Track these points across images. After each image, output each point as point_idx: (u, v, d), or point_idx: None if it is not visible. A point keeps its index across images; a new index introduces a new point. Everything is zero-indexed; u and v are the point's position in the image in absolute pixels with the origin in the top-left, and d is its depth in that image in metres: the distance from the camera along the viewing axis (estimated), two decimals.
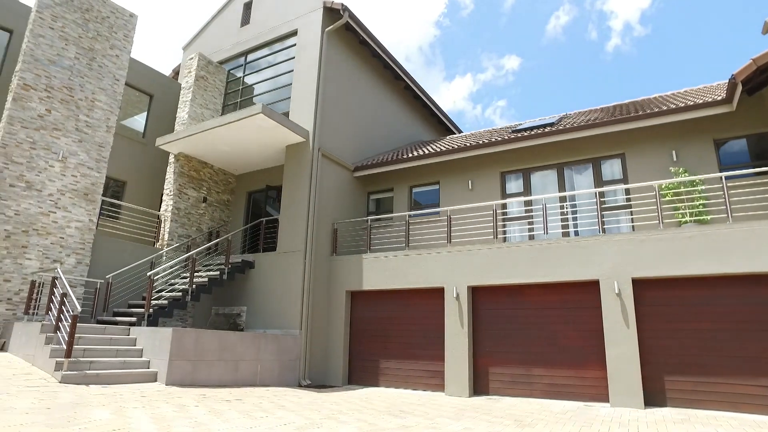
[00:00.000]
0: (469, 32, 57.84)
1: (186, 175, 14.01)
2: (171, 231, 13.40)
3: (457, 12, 56.76)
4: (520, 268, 10.40)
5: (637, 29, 49.67)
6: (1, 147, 10.54)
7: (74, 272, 11.22)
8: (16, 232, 10.50)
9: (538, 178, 12.67)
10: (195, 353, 9.00)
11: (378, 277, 12.03)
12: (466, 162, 13.40)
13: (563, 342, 9.86)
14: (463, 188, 13.35)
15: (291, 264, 12.07)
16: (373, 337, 12.11)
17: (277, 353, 10.79)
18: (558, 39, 53.25)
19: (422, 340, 11.38)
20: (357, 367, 12.11)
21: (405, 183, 14.33)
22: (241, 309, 12.63)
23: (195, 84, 14.93)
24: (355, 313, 12.51)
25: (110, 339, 9.06)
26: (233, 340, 9.81)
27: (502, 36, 56.31)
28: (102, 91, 12.43)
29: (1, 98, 12.27)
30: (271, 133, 12.42)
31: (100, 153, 12.16)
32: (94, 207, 11.82)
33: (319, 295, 12.22)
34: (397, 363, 11.58)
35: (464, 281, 10.91)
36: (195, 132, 12.62)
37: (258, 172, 15.12)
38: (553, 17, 52.08)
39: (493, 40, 57.31)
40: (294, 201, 12.59)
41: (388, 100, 16.82)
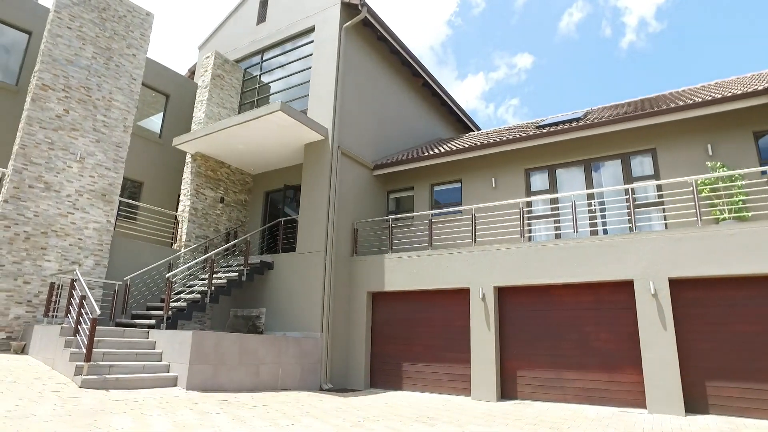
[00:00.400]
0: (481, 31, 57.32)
1: (203, 175, 13.83)
2: (188, 232, 13.23)
3: (469, 11, 56.26)
4: (548, 267, 10.02)
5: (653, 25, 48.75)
6: (20, 148, 10.44)
7: (92, 274, 11.08)
8: (35, 233, 10.38)
9: (564, 174, 12.26)
10: (215, 357, 8.77)
11: (400, 278, 11.72)
12: (489, 159, 13.03)
13: (595, 344, 9.46)
14: (487, 186, 12.99)
15: (311, 264, 11.81)
16: (395, 339, 11.80)
17: (298, 356, 10.54)
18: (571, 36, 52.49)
19: (446, 343, 11.04)
20: (379, 370, 11.82)
21: (426, 181, 14.00)
22: (260, 311, 12.40)
23: (211, 83, 14.76)
24: (377, 315, 12.21)
25: (129, 342, 8.87)
26: (254, 343, 9.57)
27: (514, 34, 55.67)
28: (119, 91, 12.29)
29: (20, 100, 12.21)
30: (290, 131, 12.18)
31: (118, 153, 12.02)
32: (111, 208, 11.68)
33: (339, 297, 11.95)
34: (420, 366, 11.27)
35: (490, 282, 10.56)
36: (212, 131, 12.42)
37: (275, 171, 14.90)
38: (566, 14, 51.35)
39: (505, 39, 56.71)
40: (313, 200, 12.33)
41: (406, 98, 16.51)
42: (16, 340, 9.84)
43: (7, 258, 9.94)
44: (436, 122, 18.77)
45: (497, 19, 55.72)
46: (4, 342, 9.73)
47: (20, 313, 10.00)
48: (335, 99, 12.82)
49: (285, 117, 11.40)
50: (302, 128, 12.05)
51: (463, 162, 13.38)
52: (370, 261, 12.31)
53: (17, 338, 9.86)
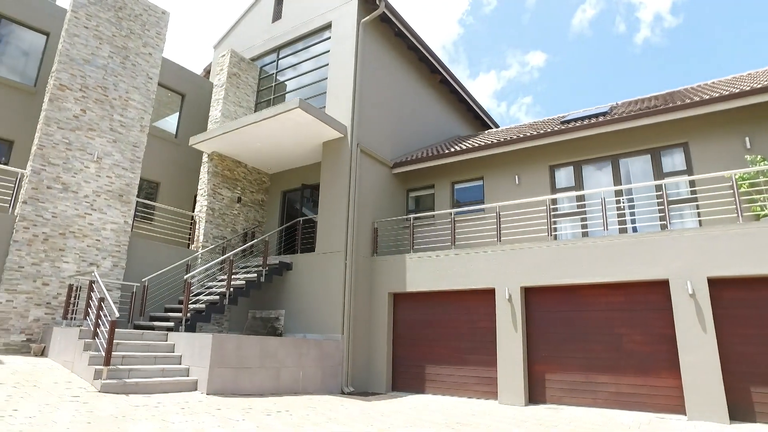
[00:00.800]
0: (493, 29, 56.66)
1: (220, 174, 13.66)
2: (206, 232, 13.06)
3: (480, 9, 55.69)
4: (577, 267, 9.65)
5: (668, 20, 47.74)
6: (39, 148, 10.33)
7: (110, 275, 10.94)
8: (53, 234, 10.27)
9: (591, 171, 11.87)
10: (236, 360, 8.55)
11: (422, 278, 11.42)
12: (512, 156, 12.68)
13: (628, 347, 9.07)
14: (510, 183, 12.63)
15: (331, 265, 11.56)
16: (417, 341, 11.50)
17: (319, 359, 10.29)
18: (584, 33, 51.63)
19: (471, 345, 10.72)
20: (401, 373, 11.53)
21: (447, 179, 13.68)
22: (279, 312, 12.18)
23: (227, 81, 14.58)
24: (398, 316, 11.93)
25: (148, 345, 8.68)
26: (275, 345, 9.34)
27: (527, 32, 54.91)
28: (135, 90, 12.15)
29: (39, 102, 12.13)
30: (308, 128, 11.94)
31: (135, 153, 11.88)
32: (128, 208, 11.54)
33: (360, 298, 11.68)
34: (444, 369, 10.96)
35: (517, 282, 10.21)
36: (229, 130, 12.23)
37: (293, 170, 14.69)
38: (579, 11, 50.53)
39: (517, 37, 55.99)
40: (333, 199, 12.08)
41: (424, 95, 16.20)
42: (36, 342, 9.72)
43: (26, 259, 9.84)
44: (454, 120, 18.43)
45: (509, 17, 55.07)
46: (24, 344, 9.62)
47: (39, 315, 9.88)
48: (354, 96, 12.55)
49: (303, 114, 11.16)
50: (321, 126, 11.80)
51: (485, 159, 13.04)
52: (391, 261, 12.03)
53: (37, 340, 9.75)
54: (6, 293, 9.53)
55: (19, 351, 9.55)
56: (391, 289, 11.85)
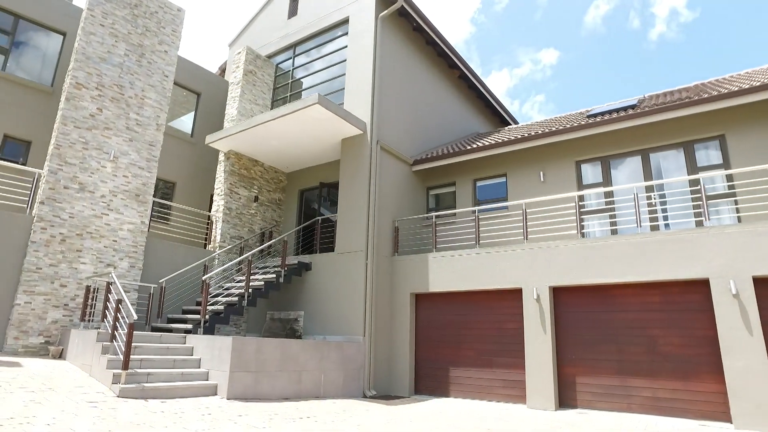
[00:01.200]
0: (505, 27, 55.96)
1: (236, 173, 13.44)
2: (223, 232, 12.84)
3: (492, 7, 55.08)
4: (608, 265, 9.24)
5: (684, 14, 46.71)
6: (56, 148, 10.18)
7: (127, 276, 10.76)
8: (70, 235, 10.11)
9: (619, 166, 11.42)
10: (256, 364, 8.28)
11: (446, 278, 11.07)
12: (536, 151, 12.27)
13: (665, 349, 8.64)
14: (534, 180, 12.23)
15: (351, 265, 11.26)
16: (441, 342, 11.16)
17: (341, 362, 9.99)
18: (597, 29, 50.72)
19: (498, 347, 10.35)
20: (424, 376, 11.19)
21: (468, 176, 13.31)
22: (298, 314, 11.92)
23: (243, 79, 14.37)
24: (421, 317, 11.59)
25: (166, 348, 8.45)
26: (296, 348, 9.06)
27: (539, 29, 54.12)
28: (151, 88, 11.97)
29: (56, 102, 12.02)
30: (327, 125, 11.66)
31: (151, 152, 11.70)
32: (145, 208, 11.35)
33: (381, 298, 11.36)
34: (469, 371, 10.59)
35: (545, 281, 9.82)
36: (246, 127, 12.00)
37: (310, 169, 14.42)
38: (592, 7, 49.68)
39: (529, 34, 55.22)
40: (352, 197, 11.78)
41: (442, 91, 15.85)
42: (54, 344, 9.56)
43: (44, 260, 9.69)
44: (472, 116, 18.04)
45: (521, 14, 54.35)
46: (42, 346, 9.47)
47: (57, 317, 9.72)
48: (373, 92, 12.24)
49: (322, 110, 10.88)
50: (340, 122, 11.51)
51: (508, 155, 12.65)
52: (413, 261, 11.69)
53: (55, 342, 9.59)
54: (24, 295, 9.39)
55: (38, 353, 9.40)
56: (413, 290, 11.52)
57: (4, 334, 9.16)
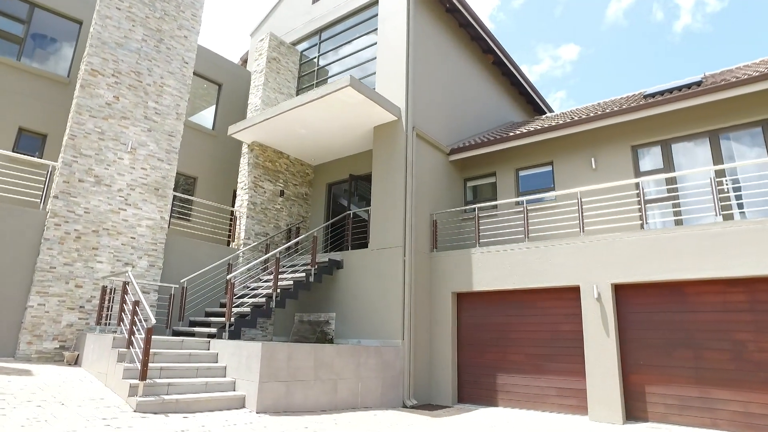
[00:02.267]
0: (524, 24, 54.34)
1: (261, 166, 12.63)
2: (247, 228, 12.04)
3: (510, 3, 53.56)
4: (680, 259, 8.12)
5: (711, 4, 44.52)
6: (70, 138, 9.49)
7: (147, 276, 10.02)
8: (86, 232, 9.40)
9: (683, 150, 10.26)
10: (288, 372, 7.41)
11: (491, 276, 10.06)
12: (587, 136, 11.17)
13: (755, 356, 7.50)
14: (585, 168, 11.13)
15: (388, 262, 10.33)
16: (486, 346, 10.15)
17: (379, 368, 9.07)
18: (619, 23, 48.78)
19: (551, 351, 9.31)
20: (467, 383, 10.20)
21: (510, 165, 12.26)
22: (329, 315, 11.04)
23: (267, 67, 13.56)
24: (463, 319, 10.59)
25: (188, 355, 7.64)
26: (330, 354, 8.16)
27: (558, 25, 52.37)
28: (171, 75, 11.23)
29: (72, 93, 11.37)
30: (358, 111, 10.75)
31: (171, 143, 10.95)
32: (165, 203, 10.61)
33: (420, 298, 10.41)
34: (518, 378, 9.57)
35: (606, 278, 8.75)
36: (271, 115, 11.16)
37: (339, 161, 13.54)
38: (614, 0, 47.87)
39: (548, 30, 53.47)
40: (388, 189, 10.85)
41: (476, 77, 14.81)
42: (69, 349, 8.85)
43: (58, 259, 8.99)
44: (506, 104, 16.95)
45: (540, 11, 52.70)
46: (57, 352, 8.77)
47: (73, 320, 9.01)
48: (407, 76, 11.29)
49: (355, 94, 9.98)
50: (372, 108, 10.59)
51: (555, 142, 11.57)
52: (454, 257, 10.70)
53: (70, 348, 8.88)
54: (38, 296, 8.70)
55: (52, 359, 8.70)
56: (455, 289, 10.53)
57: (17, 339, 8.48)
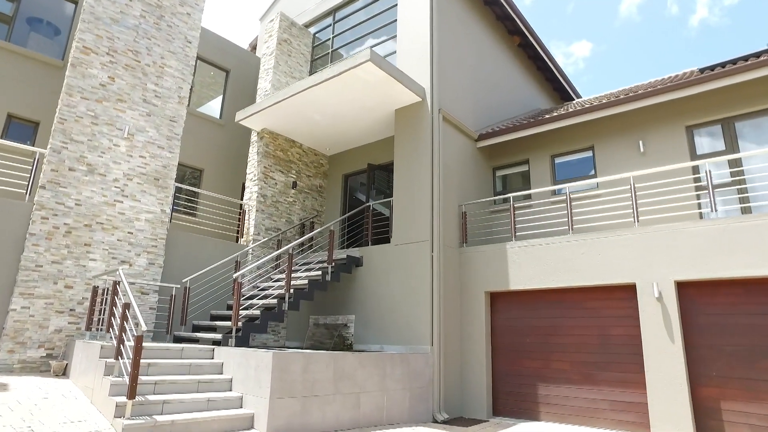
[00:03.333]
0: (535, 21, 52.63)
1: (271, 155, 11.59)
2: (257, 223, 11.01)
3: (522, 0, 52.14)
4: (758, 253, 6.93)
5: None
6: (60, 122, 8.52)
7: (146, 275, 9.02)
8: (77, 226, 8.41)
9: (748, 129, 9.04)
10: (304, 386, 6.34)
11: (530, 273, 8.92)
12: (634, 117, 10.00)
13: None
14: (631, 152, 9.95)
15: (413, 258, 9.23)
16: (524, 352, 9.01)
17: (406, 379, 7.97)
18: (632, 19, 47.10)
19: (602, 358, 8.14)
20: (504, 393, 9.07)
21: (545, 152, 11.10)
22: (348, 318, 9.96)
23: (277, 49, 12.52)
24: (498, 321, 9.46)
25: (189, 366, 6.59)
26: (352, 364, 7.08)
27: (571, 22, 50.75)
28: (172, 56, 10.23)
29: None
30: (379, 91, 9.67)
31: (172, 129, 9.95)
32: (166, 195, 9.61)
33: (449, 298, 9.29)
34: (564, 389, 8.42)
35: (668, 275, 7.57)
36: (284, 98, 10.12)
37: (356, 150, 12.47)
38: None
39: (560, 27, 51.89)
40: (412, 178, 9.75)
41: (501, 59, 13.65)
42: (57, 358, 7.86)
43: (45, 257, 8.00)
44: (532, 91, 15.76)
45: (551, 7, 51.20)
46: (43, 361, 7.78)
47: (62, 324, 8.03)
48: (431, 53, 10.19)
49: (375, 70, 8.90)
50: (394, 87, 9.51)
51: (596, 124, 10.40)
52: (487, 253, 9.57)
53: (58, 356, 7.89)
54: (21, 298, 7.72)
55: (38, 369, 7.72)
56: (489, 288, 9.40)
57: None
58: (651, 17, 46.48)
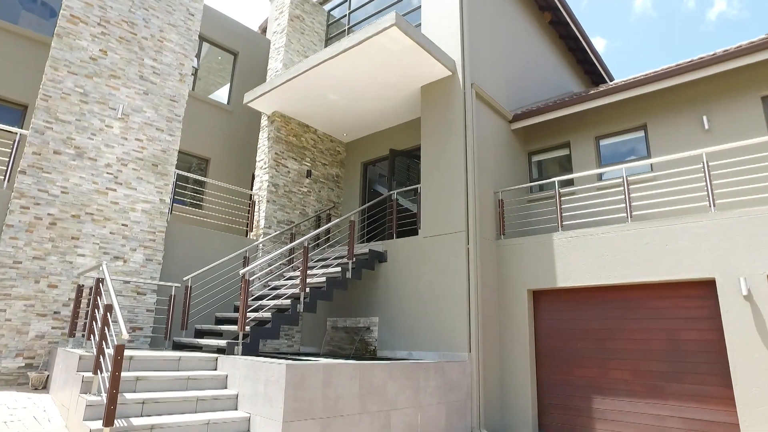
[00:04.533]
0: None
1: (284, 140, 10.49)
2: (268, 215, 9.92)
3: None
4: None
5: None
6: (43, 99, 7.49)
7: (142, 273, 7.96)
8: (63, 217, 7.37)
9: None
10: (325, 404, 5.20)
11: (582, 267, 7.70)
12: (696, 89, 8.74)
13: None
14: (693, 128, 8.69)
15: (446, 252, 8.06)
16: (575, 359, 7.80)
17: (442, 392, 6.81)
18: (647, 14, 45.35)
19: (674, 367, 6.91)
20: (552, 407, 7.86)
21: (588, 132, 9.88)
22: (371, 321, 8.82)
23: (289, 26, 11.44)
24: (543, 323, 8.25)
25: (187, 379, 5.49)
26: (381, 376, 5.93)
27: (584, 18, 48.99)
28: (173, 29, 9.18)
29: None
30: (404, 63, 8.53)
31: (172, 109, 8.89)
32: (166, 182, 8.54)
33: (486, 297, 8.10)
34: (624, 402, 7.19)
35: (758, 267, 6.32)
36: (297, 73, 9.02)
37: (375, 135, 11.34)
38: None
39: None
40: (442, 161, 8.59)
41: (533, 37, 12.43)
42: (38, 369, 6.82)
43: (25, 251, 6.97)
44: (564, 73, 14.47)
45: None
46: (22, 372, 6.74)
47: (44, 329, 6.98)
48: (461, 22, 9.03)
49: (401, 37, 7.75)
50: (422, 58, 8.35)
51: (649, 99, 9.17)
52: (529, 245, 8.37)
53: (39, 366, 6.84)
54: None
55: (15, 382, 6.67)
56: (532, 285, 8.19)
57: None
58: (667, 12, 44.81)
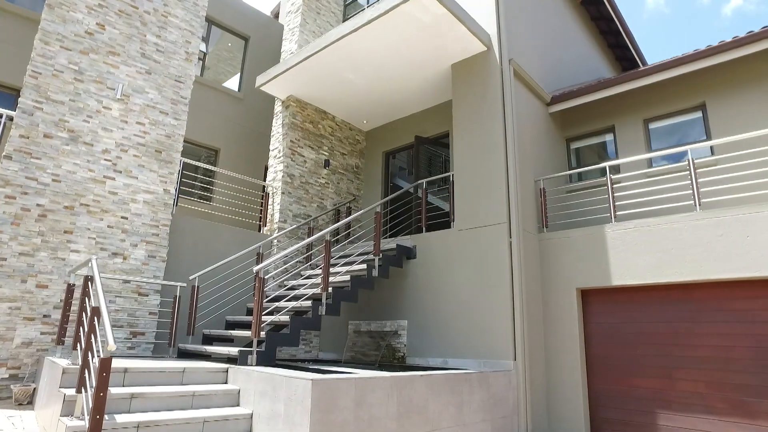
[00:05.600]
0: None
1: (299, 127, 9.63)
2: (283, 208, 9.05)
3: None
4: None
5: None
6: (32, 77, 6.67)
7: (144, 271, 7.11)
8: (54, 208, 6.54)
9: None
10: (357, 426, 4.29)
11: (642, 263, 6.72)
12: (764, 62, 7.73)
13: None
14: (759, 107, 7.68)
15: (485, 247, 7.13)
16: (635, 367, 6.82)
17: (487, 406, 5.87)
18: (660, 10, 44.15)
19: (758, 379, 5.91)
20: (608, 422, 6.89)
21: (635, 116, 8.90)
22: (399, 324, 7.90)
23: (304, 5, 10.57)
24: (594, 327, 7.28)
25: (192, 395, 4.61)
26: (421, 390, 5.00)
27: None
28: (178, 3, 8.35)
29: None
30: (434, 36, 7.62)
31: (178, 91, 8.05)
32: (170, 171, 7.70)
33: (530, 297, 7.15)
34: (698, 420, 6.21)
35: None
36: (315, 51, 8.16)
37: (398, 122, 10.45)
38: None
39: None
40: (478, 146, 7.66)
41: (566, 16, 11.46)
42: (23, 380, 5.98)
43: (10, 247, 6.14)
44: (596, 57, 13.46)
45: None
46: (5, 385, 5.90)
47: (32, 335, 6.15)
48: None
49: (434, 5, 6.84)
50: (454, 31, 7.43)
51: (709, 75, 8.18)
52: (576, 239, 7.41)
53: (25, 378, 6.01)
54: None
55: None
56: (581, 283, 7.23)
57: None
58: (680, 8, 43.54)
